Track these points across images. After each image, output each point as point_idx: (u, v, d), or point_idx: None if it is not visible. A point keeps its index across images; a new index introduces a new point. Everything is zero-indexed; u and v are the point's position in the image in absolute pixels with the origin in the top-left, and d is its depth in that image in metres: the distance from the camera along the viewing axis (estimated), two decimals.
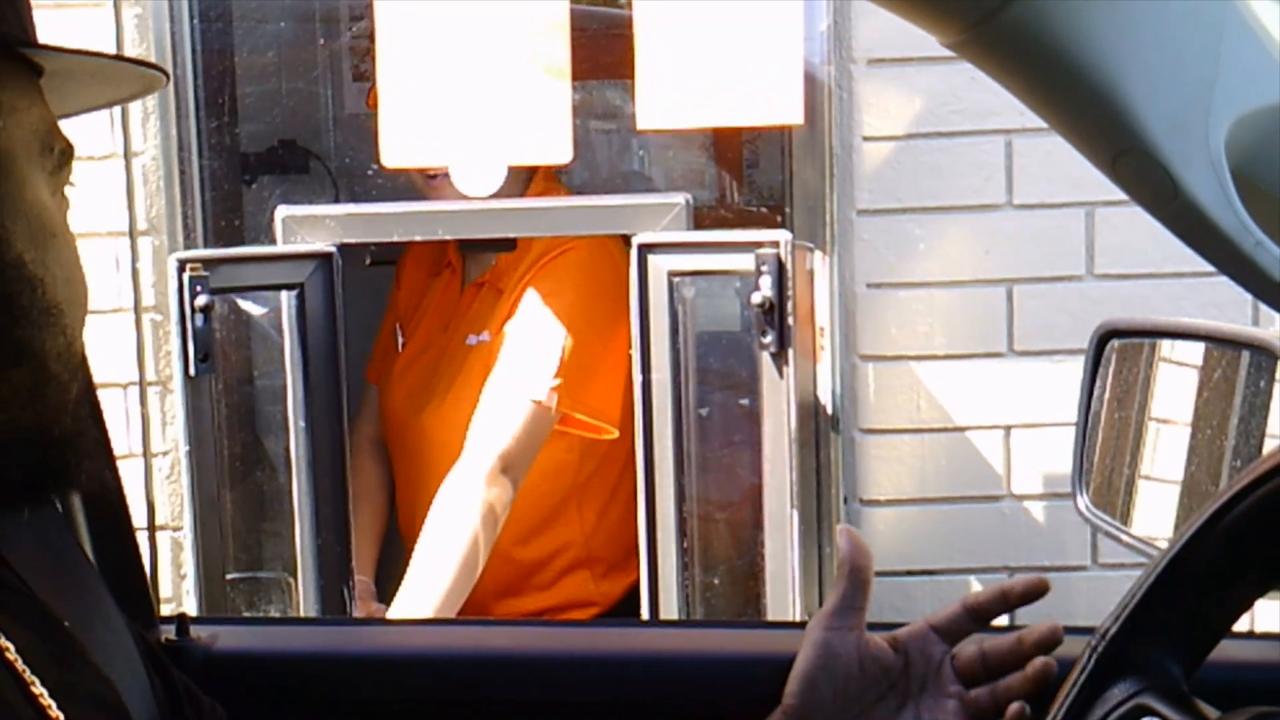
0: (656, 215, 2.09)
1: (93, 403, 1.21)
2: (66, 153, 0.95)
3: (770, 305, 2.00)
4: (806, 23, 2.17)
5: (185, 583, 2.28)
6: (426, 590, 2.16)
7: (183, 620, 1.34)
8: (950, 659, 1.12)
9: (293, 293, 2.06)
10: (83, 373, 0.96)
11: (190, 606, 2.12)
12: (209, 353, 2.02)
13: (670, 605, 2.09)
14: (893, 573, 2.45)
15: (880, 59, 2.37)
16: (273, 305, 2.12)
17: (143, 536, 2.31)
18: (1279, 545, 0.78)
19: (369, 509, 2.52)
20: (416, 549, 2.22)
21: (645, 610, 2.10)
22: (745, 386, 2.13)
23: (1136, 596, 0.79)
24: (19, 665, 0.88)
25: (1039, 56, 0.68)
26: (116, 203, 2.37)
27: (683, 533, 2.09)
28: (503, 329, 2.35)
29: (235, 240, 2.76)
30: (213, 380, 2.06)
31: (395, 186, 2.70)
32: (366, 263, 2.73)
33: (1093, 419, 1.39)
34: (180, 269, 2.00)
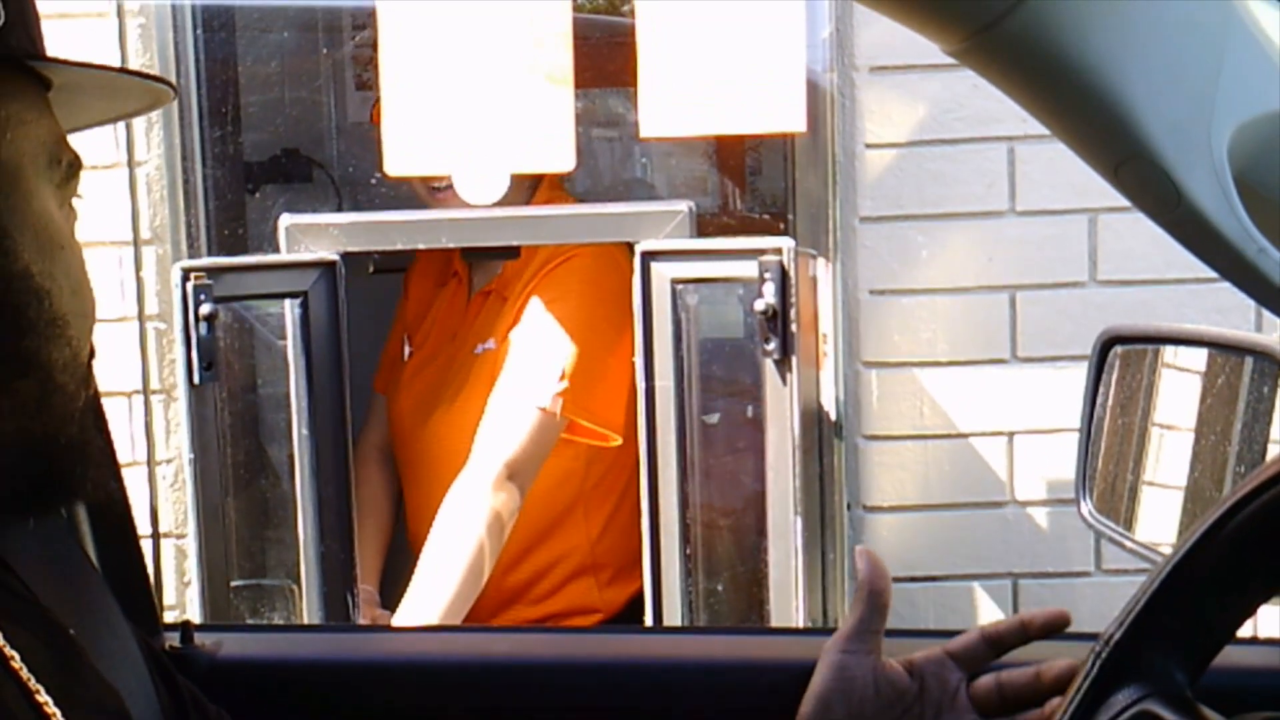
0: (660, 223, 2.09)
1: (98, 411, 1.22)
2: (74, 165, 0.95)
3: (773, 312, 2.00)
4: (809, 30, 2.17)
5: (189, 590, 2.28)
6: (432, 597, 2.16)
7: (187, 627, 1.34)
8: (966, 687, 1.11)
9: (296, 301, 2.07)
10: (89, 383, 0.96)
11: (194, 614, 2.12)
12: (213, 361, 2.02)
13: (674, 612, 2.08)
14: (896, 579, 2.42)
15: (883, 66, 2.38)
16: (276, 313, 2.12)
17: (147, 544, 2.31)
18: None
19: (375, 519, 2.51)
20: (422, 556, 2.22)
21: (649, 617, 2.10)
22: (748, 393, 2.13)
23: (1140, 602, 0.79)
24: (24, 673, 0.88)
25: (1041, 64, 0.68)
26: (120, 212, 2.37)
27: (686, 539, 2.09)
28: (508, 337, 2.35)
29: (239, 249, 2.77)
30: (217, 388, 2.06)
31: (398, 195, 2.70)
32: (370, 271, 2.73)
33: (1096, 425, 1.39)
34: (184, 278, 2.00)
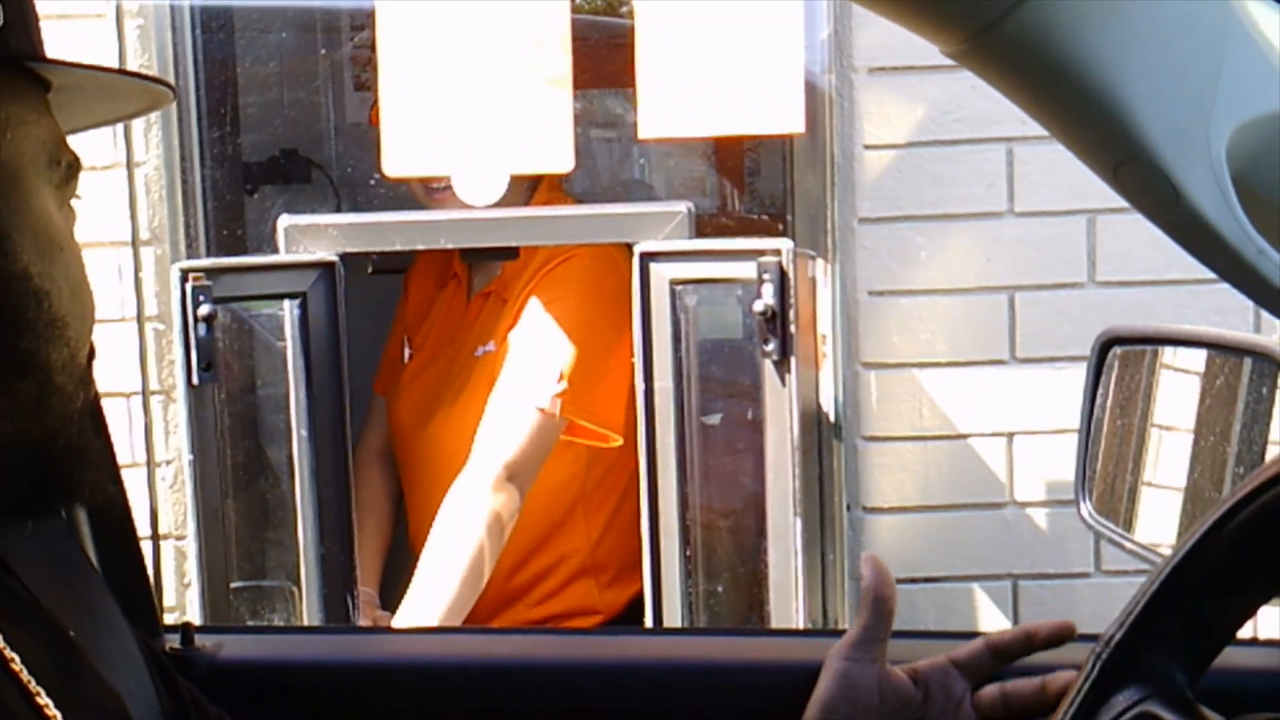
0: (658, 224, 2.09)
1: (97, 413, 1.22)
2: (73, 166, 0.95)
3: (772, 313, 2.00)
4: (807, 31, 2.17)
5: (189, 592, 2.28)
6: (432, 599, 2.16)
7: (187, 629, 1.34)
8: (971, 696, 1.11)
9: (295, 302, 2.07)
10: (88, 384, 0.96)
11: (194, 616, 2.12)
12: (212, 362, 2.02)
13: (674, 613, 2.08)
14: (896, 580, 2.44)
15: (881, 67, 2.38)
16: (275, 314, 2.12)
17: (147, 545, 2.31)
18: None
19: (374, 521, 2.51)
20: (422, 558, 2.22)
21: (649, 618, 2.10)
22: (748, 394, 2.13)
23: (1140, 603, 0.79)
24: (24, 675, 0.88)
25: (1040, 65, 0.68)
26: (119, 212, 2.37)
27: (686, 541, 2.09)
28: (507, 338, 2.35)
29: (238, 250, 2.76)
30: (216, 389, 2.06)
31: (397, 195, 2.70)
32: (369, 271, 2.73)
33: (1095, 426, 1.39)
34: (183, 278, 2.00)
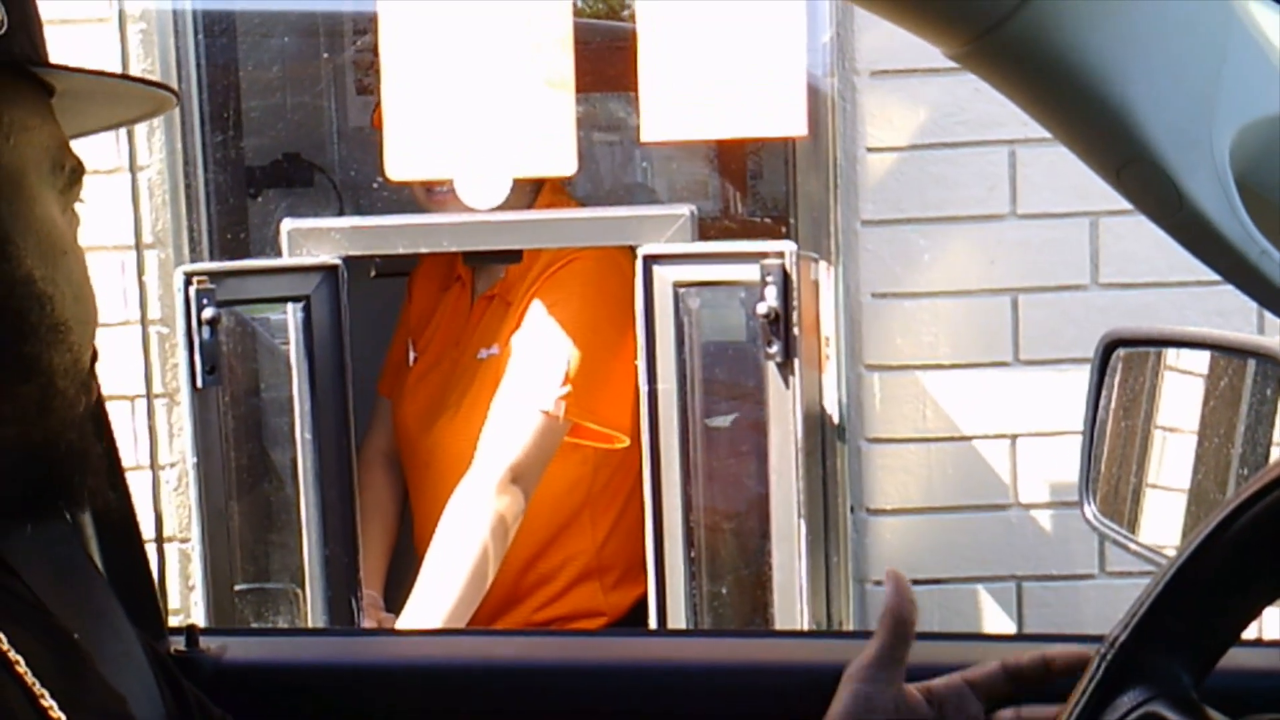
0: (661, 226, 2.10)
1: (101, 416, 1.22)
2: (77, 171, 0.95)
3: (775, 315, 2.01)
4: (809, 34, 2.17)
5: (193, 594, 2.28)
6: (436, 600, 2.16)
7: (192, 631, 1.34)
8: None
9: (299, 305, 2.07)
10: (90, 388, 0.96)
11: (198, 618, 2.12)
12: (215, 365, 2.02)
13: (678, 615, 2.09)
14: None
15: (884, 70, 2.38)
16: (279, 317, 2.13)
17: (151, 548, 2.31)
18: None
19: (379, 523, 2.51)
20: (426, 560, 2.22)
21: (653, 620, 2.10)
22: (751, 397, 2.13)
23: (1145, 605, 0.79)
24: (28, 677, 0.88)
25: (1043, 68, 0.68)
26: (122, 216, 2.37)
27: (690, 543, 2.09)
28: (510, 341, 2.35)
29: (241, 253, 2.77)
30: (219, 392, 2.06)
31: (400, 198, 2.70)
32: (371, 275, 2.73)
33: (1099, 428, 1.39)
34: (186, 282, 2.00)
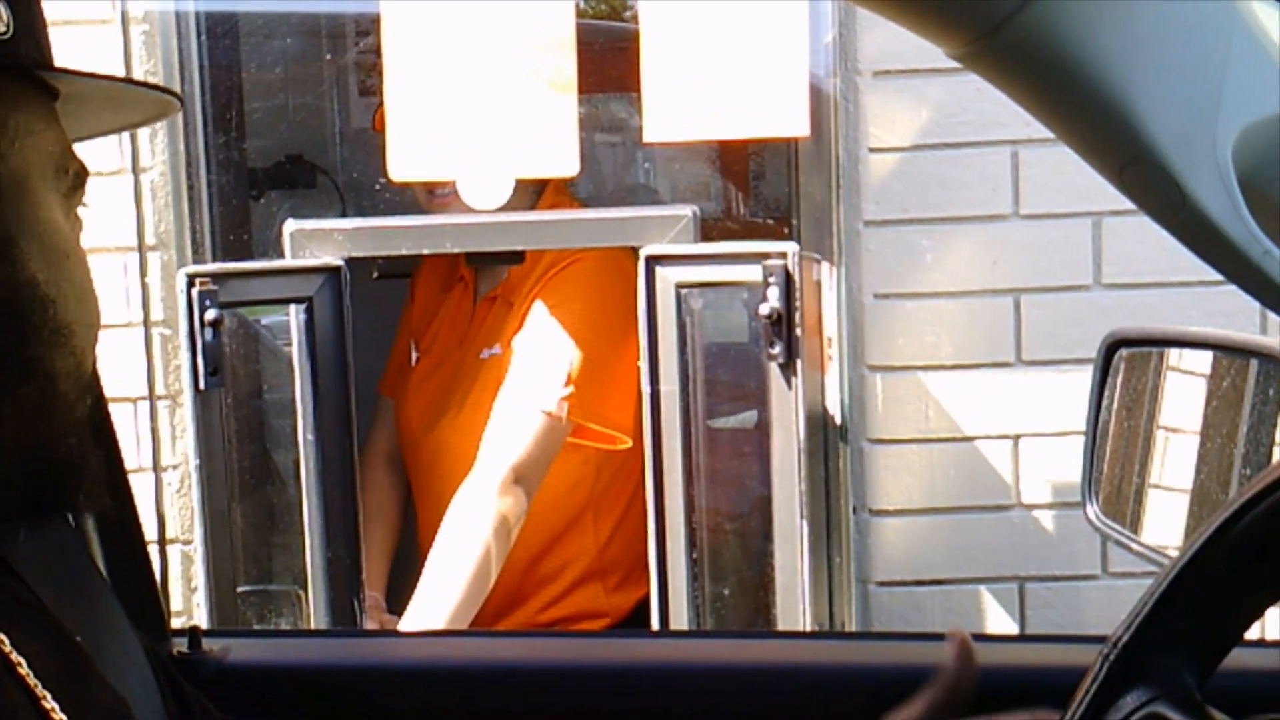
0: (664, 227, 2.10)
1: (104, 418, 1.22)
2: (80, 175, 0.95)
3: (778, 316, 2.00)
4: (812, 35, 2.17)
5: (196, 596, 2.28)
6: (438, 602, 2.16)
7: (195, 633, 1.34)
8: None
9: (301, 306, 2.07)
10: (91, 392, 0.96)
11: (201, 620, 2.12)
12: (218, 367, 2.02)
13: (680, 616, 2.08)
14: (902, 583, 2.45)
15: (886, 70, 2.38)
16: (281, 319, 2.13)
17: (153, 550, 2.31)
18: None
19: (382, 524, 2.51)
20: (428, 561, 2.22)
21: (655, 621, 2.10)
22: (753, 397, 2.13)
23: (1148, 605, 0.79)
24: (30, 680, 0.88)
25: (1046, 68, 0.68)
26: (125, 218, 2.37)
27: (692, 544, 2.09)
28: (512, 342, 2.35)
29: (243, 255, 2.77)
30: (222, 394, 2.06)
31: (403, 200, 2.70)
32: (374, 276, 2.73)
33: (1101, 428, 1.39)
34: (189, 283, 2.00)
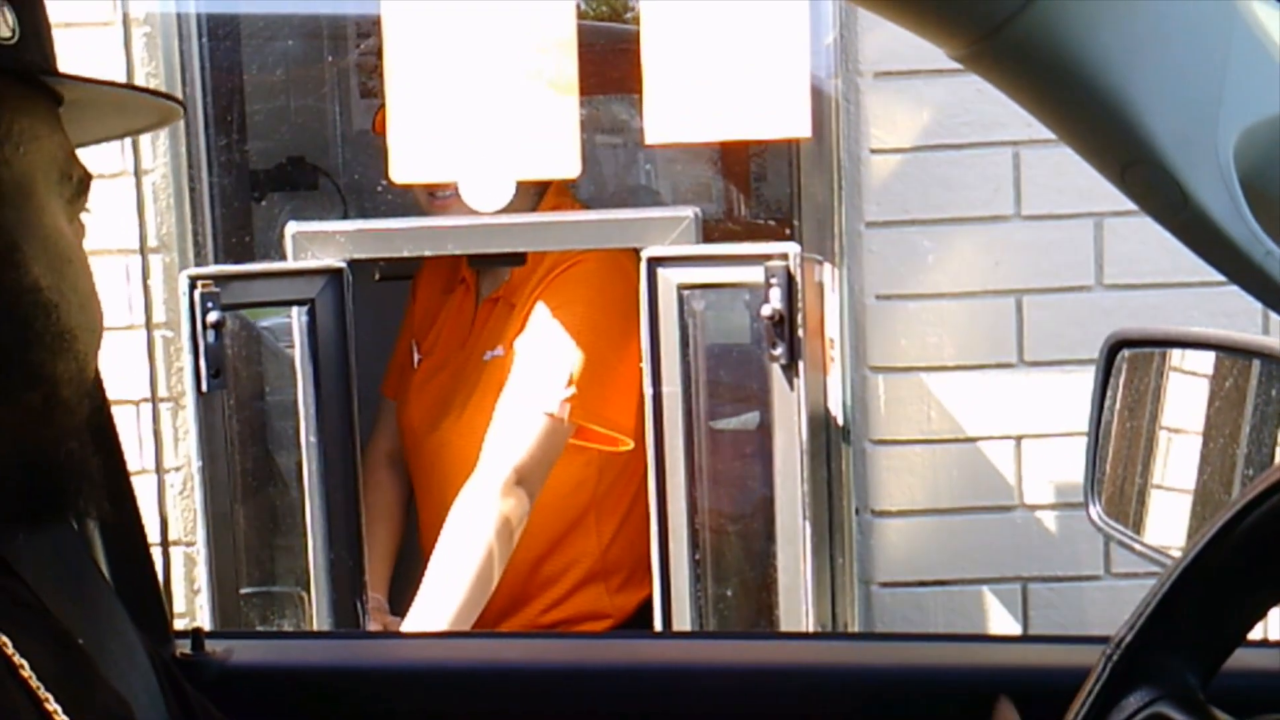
0: (665, 229, 2.10)
1: (107, 421, 1.22)
2: (84, 181, 0.96)
3: (780, 317, 2.00)
4: (813, 36, 2.17)
5: (199, 598, 2.28)
6: (441, 603, 2.16)
7: (198, 635, 1.34)
8: None
9: (303, 308, 2.07)
10: (93, 396, 0.96)
11: (204, 621, 2.12)
12: (220, 369, 2.02)
13: (683, 617, 2.09)
14: (905, 584, 2.45)
15: (887, 71, 2.38)
16: (284, 321, 2.13)
17: (156, 552, 2.31)
18: None
19: (384, 525, 2.51)
20: (431, 562, 2.22)
21: (658, 622, 2.10)
22: (755, 399, 2.13)
23: (1151, 605, 0.79)
24: (32, 681, 0.88)
25: (1047, 69, 0.68)
26: (127, 220, 2.37)
27: (695, 545, 2.09)
28: (514, 344, 2.35)
29: (245, 257, 2.77)
30: (224, 396, 2.07)
31: (404, 202, 2.70)
32: (376, 278, 2.73)
33: (1104, 429, 1.39)
34: (191, 286, 2.01)
